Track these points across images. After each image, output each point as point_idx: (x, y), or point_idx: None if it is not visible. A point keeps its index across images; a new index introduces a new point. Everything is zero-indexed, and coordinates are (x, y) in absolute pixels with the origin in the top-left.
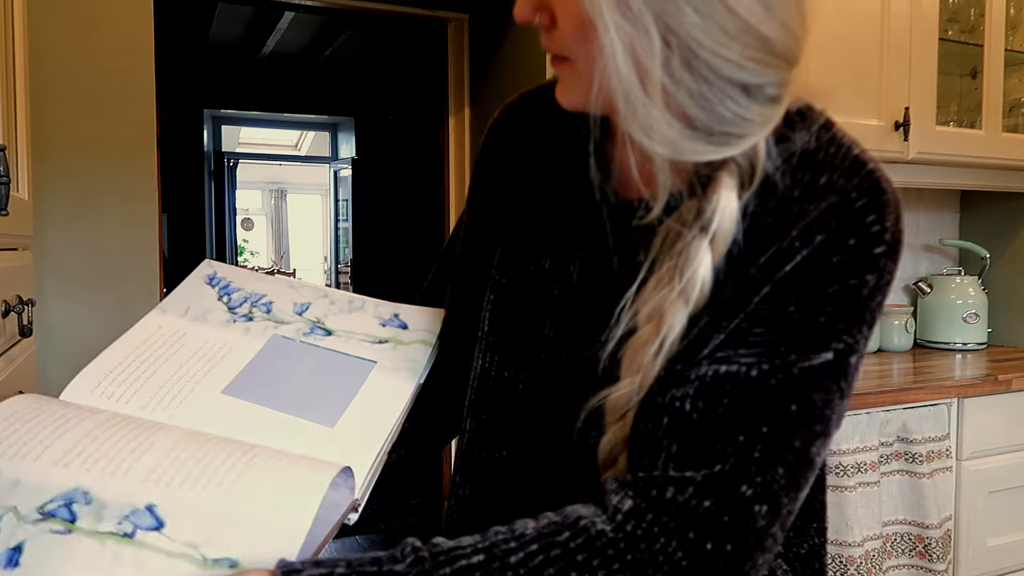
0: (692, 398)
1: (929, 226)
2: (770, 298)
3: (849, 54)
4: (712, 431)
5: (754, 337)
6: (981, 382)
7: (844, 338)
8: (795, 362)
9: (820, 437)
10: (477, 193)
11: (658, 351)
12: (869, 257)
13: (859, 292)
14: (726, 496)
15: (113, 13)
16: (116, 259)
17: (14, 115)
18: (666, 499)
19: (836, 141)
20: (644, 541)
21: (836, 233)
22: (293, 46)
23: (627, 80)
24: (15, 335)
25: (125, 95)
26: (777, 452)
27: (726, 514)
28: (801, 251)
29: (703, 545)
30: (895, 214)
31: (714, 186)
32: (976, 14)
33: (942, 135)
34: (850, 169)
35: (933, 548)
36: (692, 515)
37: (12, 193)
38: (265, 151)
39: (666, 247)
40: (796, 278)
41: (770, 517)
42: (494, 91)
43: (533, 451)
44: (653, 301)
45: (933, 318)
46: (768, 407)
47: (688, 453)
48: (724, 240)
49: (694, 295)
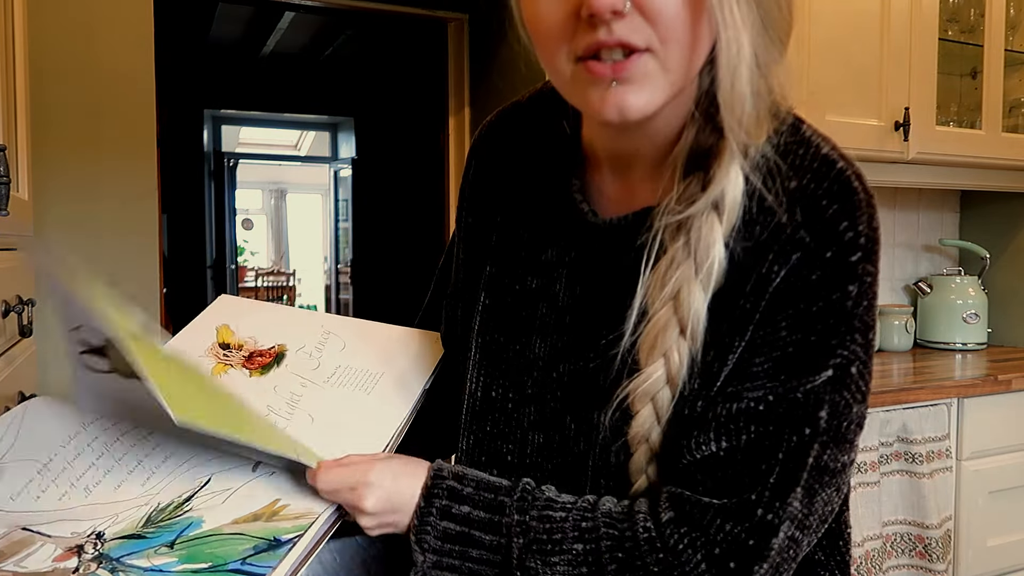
0: (714, 440)
1: (929, 226)
2: (762, 324)
3: (849, 54)
4: (735, 465)
5: (756, 368)
6: (981, 382)
7: (840, 352)
8: (797, 387)
9: (834, 446)
10: (464, 215)
11: (682, 333)
12: (846, 267)
13: (844, 305)
14: (748, 520)
15: (113, 13)
16: (116, 259)
17: (14, 115)
18: (695, 518)
19: (804, 141)
20: (677, 550)
21: (811, 249)
22: (293, 46)
23: (748, 60)
24: (15, 335)
25: (125, 95)
26: (794, 474)
27: (750, 537)
28: (780, 273)
29: (727, 563)
30: (867, 213)
31: (719, 164)
32: (976, 14)
33: (942, 135)
34: (819, 170)
35: (933, 548)
36: (718, 536)
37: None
38: (265, 151)
39: (672, 229)
40: (781, 301)
41: (791, 531)
42: (494, 91)
43: (525, 468)
44: (669, 283)
45: (933, 318)
46: (780, 435)
47: (715, 485)
48: (734, 215)
49: (712, 274)
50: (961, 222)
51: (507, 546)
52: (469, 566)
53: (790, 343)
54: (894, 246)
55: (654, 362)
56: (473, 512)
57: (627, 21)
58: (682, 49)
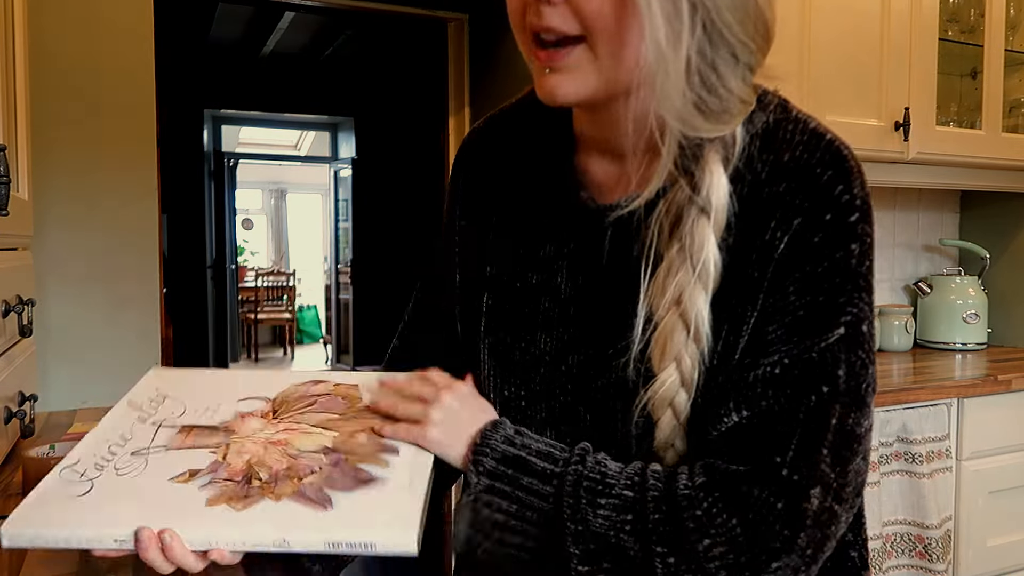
0: (734, 411)
1: (929, 226)
2: (771, 291)
3: (849, 54)
4: (757, 431)
5: (770, 335)
6: (981, 382)
7: (849, 309)
8: (811, 347)
9: (855, 409)
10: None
11: (689, 336)
12: (847, 227)
13: (848, 263)
14: (777, 484)
15: (113, 13)
16: (116, 259)
17: (14, 115)
18: (725, 484)
19: (792, 118)
20: (711, 512)
21: (811, 213)
22: (293, 46)
23: (667, 54)
24: (15, 335)
25: (125, 95)
26: (816, 434)
27: (778, 500)
28: (784, 239)
29: (760, 528)
30: (859, 179)
31: (703, 164)
32: (976, 14)
33: (942, 135)
34: (810, 143)
35: (933, 548)
36: (748, 500)
37: (12, 193)
38: (265, 151)
39: (665, 234)
40: (786, 266)
41: (826, 499)
42: (494, 91)
43: None
44: (670, 289)
45: (933, 318)
46: (799, 396)
47: (741, 451)
48: (722, 216)
49: (709, 275)
50: (961, 222)
51: (560, 475)
52: (519, 495)
53: (800, 306)
54: (894, 246)
55: (667, 367)
56: (534, 444)
57: (557, 9)
58: (611, 41)
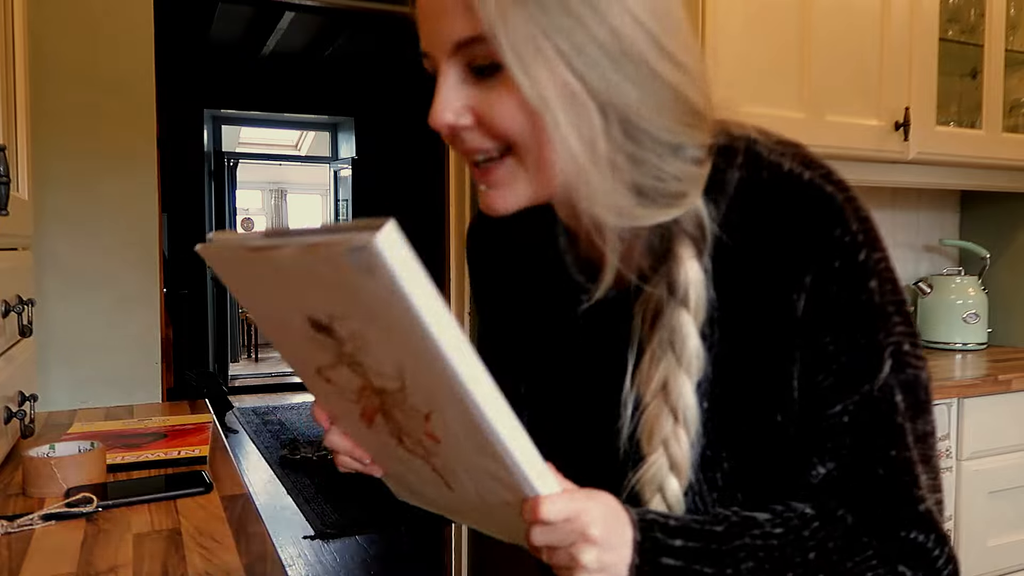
0: (820, 464)
1: (929, 226)
2: (807, 347)
3: (849, 54)
4: (852, 479)
5: (823, 385)
6: (981, 382)
7: (889, 341)
8: (870, 390)
9: (921, 416)
10: (481, 304)
11: (676, 422)
12: (859, 267)
13: (872, 301)
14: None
15: (113, 13)
16: (116, 259)
17: (14, 115)
18: (874, 535)
19: (765, 165)
20: (871, 562)
21: (818, 267)
22: (293, 46)
23: (581, 157)
24: (15, 335)
25: (125, 95)
26: (907, 459)
27: (920, 533)
28: (801, 298)
29: (919, 562)
30: (852, 207)
31: (674, 259)
32: (976, 14)
33: (942, 135)
34: (789, 192)
35: None
36: (905, 547)
37: (12, 193)
38: (265, 151)
39: (648, 323)
40: (813, 323)
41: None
42: None
43: None
44: (655, 377)
45: (933, 318)
46: (876, 436)
47: (847, 502)
48: (701, 306)
49: (691, 363)
50: (961, 222)
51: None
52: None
53: (842, 354)
54: (894, 246)
55: (655, 451)
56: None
57: (475, 132)
58: (534, 153)
